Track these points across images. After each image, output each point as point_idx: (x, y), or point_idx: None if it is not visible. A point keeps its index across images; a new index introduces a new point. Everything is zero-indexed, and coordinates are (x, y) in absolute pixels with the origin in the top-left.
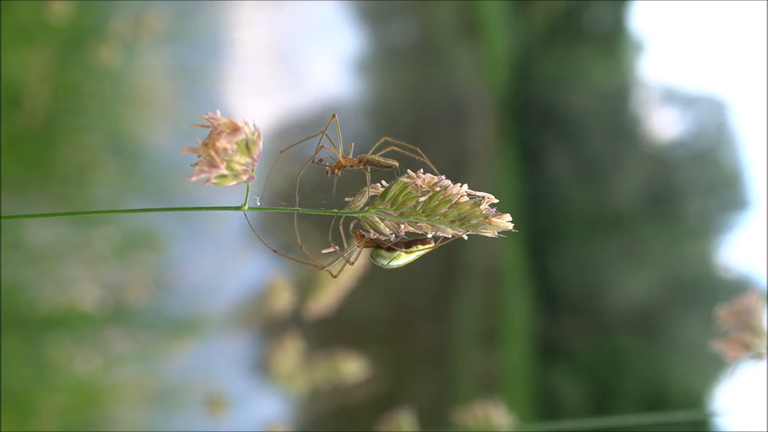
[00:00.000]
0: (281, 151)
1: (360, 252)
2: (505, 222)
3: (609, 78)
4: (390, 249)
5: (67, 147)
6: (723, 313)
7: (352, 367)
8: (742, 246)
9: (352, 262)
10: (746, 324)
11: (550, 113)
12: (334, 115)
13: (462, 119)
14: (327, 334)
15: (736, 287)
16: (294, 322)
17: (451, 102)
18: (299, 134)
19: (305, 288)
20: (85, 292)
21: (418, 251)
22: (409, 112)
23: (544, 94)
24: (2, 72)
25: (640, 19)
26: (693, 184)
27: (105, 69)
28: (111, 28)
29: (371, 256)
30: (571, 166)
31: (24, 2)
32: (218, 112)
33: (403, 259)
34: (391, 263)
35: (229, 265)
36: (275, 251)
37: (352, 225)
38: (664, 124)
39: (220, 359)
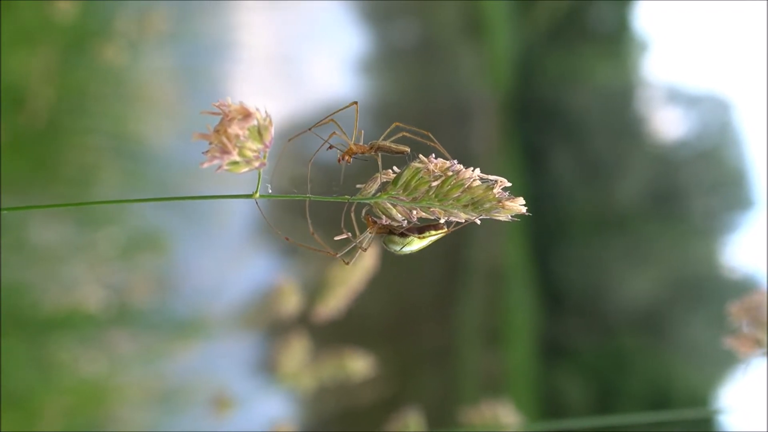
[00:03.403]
0: (289, 139)
1: (372, 238)
2: (519, 205)
3: (613, 78)
4: (403, 235)
5: (70, 148)
6: (735, 309)
7: (358, 366)
8: (747, 246)
9: (365, 249)
10: (757, 320)
11: (553, 113)
12: (355, 103)
13: (465, 119)
14: (331, 334)
15: (741, 287)
16: (300, 322)
17: (455, 102)
18: (303, 137)
19: (312, 290)
20: (89, 293)
21: (431, 236)
22: (412, 113)
23: (548, 94)
24: (5, 72)
25: (643, 19)
26: (697, 183)
27: (109, 69)
28: (115, 28)
29: (384, 243)
30: (575, 165)
31: (27, 2)
32: (229, 99)
33: (416, 244)
34: (404, 249)
35: (233, 265)
36: (287, 239)
37: (364, 211)
38: (668, 124)
39: (225, 359)
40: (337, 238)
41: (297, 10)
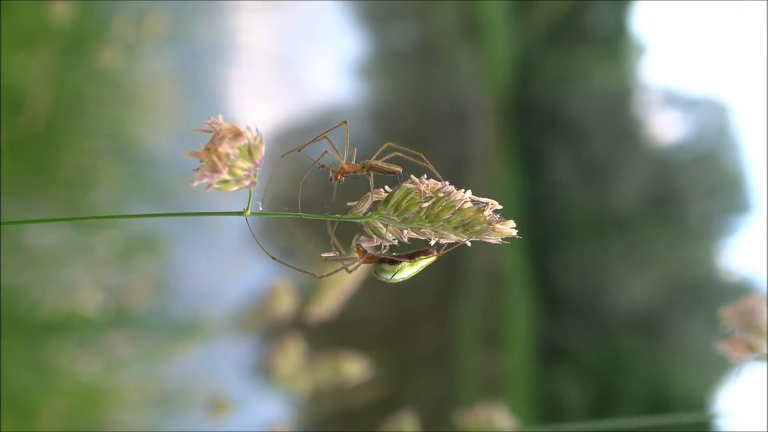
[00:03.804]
0: (282, 156)
1: (359, 265)
2: (509, 228)
3: (611, 80)
4: (393, 261)
5: (69, 151)
6: (728, 313)
7: (354, 368)
8: (744, 249)
9: (350, 271)
10: (751, 325)
11: (551, 115)
12: (345, 122)
13: (463, 121)
14: (329, 337)
15: (739, 290)
16: (296, 324)
17: (453, 104)
18: (301, 138)
19: (308, 291)
20: (86, 296)
21: (422, 262)
22: (410, 115)
23: (546, 97)
24: (3, 75)
25: (641, 22)
26: (695, 186)
27: (107, 72)
28: (113, 31)
29: (374, 272)
30: (573, 168)
31: (25, 4)
32: (220, 117)
33: (406, 271)
34: (395, 276)
35: (231, 268)
36: (274, 258)
37: (354, 240)
38: (666, 127)
39: (222, 362)
40: (324, 255)
41: (295, 12)
